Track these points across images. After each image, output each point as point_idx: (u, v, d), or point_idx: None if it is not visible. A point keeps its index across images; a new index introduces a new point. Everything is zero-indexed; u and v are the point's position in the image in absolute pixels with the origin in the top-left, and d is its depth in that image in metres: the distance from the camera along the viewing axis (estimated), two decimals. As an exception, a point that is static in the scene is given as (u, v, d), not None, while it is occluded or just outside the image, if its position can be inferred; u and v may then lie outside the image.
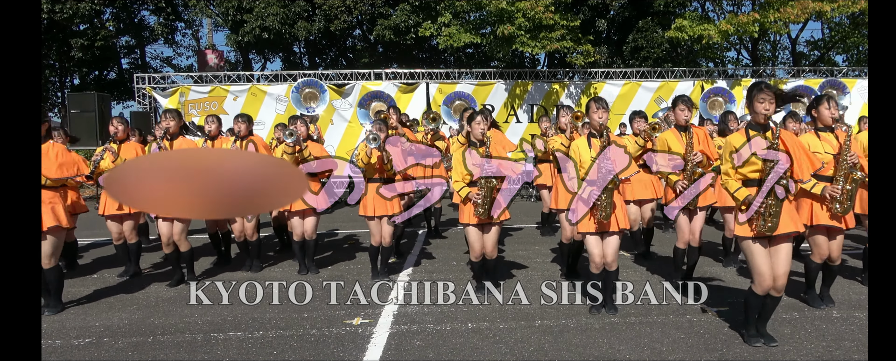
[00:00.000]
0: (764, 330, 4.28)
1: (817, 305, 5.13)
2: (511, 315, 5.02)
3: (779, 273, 4.08)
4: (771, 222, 3.97)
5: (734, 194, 4.07)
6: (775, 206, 3.95)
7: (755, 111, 4.06)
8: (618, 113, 13.80)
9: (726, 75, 15.59)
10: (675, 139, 5.38)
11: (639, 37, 17.36)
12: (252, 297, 5.69)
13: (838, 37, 19.00)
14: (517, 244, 8.32)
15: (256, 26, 16.57)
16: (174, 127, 6.16)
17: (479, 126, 5.31)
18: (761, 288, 4.10)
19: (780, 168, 3.93)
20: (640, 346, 4.28)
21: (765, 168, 3.99)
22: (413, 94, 14.55)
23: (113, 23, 20.11)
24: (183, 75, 16.16)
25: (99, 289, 6.07)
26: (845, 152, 4.79)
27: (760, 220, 3.98)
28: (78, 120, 13.29)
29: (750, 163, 4.03)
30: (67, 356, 4.29)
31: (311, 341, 4.50)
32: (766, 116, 4.03)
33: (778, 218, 3.97)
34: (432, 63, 19.65)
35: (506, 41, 14.03)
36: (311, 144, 6.59)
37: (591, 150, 4.83)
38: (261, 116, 14.00)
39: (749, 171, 4.05)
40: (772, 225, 3.97)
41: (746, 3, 19.76)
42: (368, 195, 6.08)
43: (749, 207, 4.01)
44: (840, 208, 4.80)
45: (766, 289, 4.09)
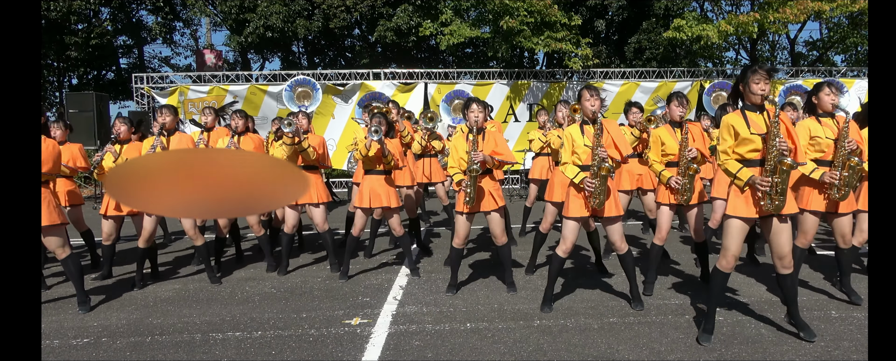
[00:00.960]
0: (801, 321, 4.34)
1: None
2: (509, 315, 5.02)
3: (784, 252, 4.11)
4: (778, 200, 3.96)
5: (737, 173, 4.03)
6: (782, 184, 3.94)
7: (751, 91, 4.04)
8: (616, 112, 13.82)
9: (725, 75, 15.61)
10: (669, 135, 5.39)
11: (642, 38, 17.36)
12: (250, 297, 5.69)
13: (837, 37, 19.01)
14: (515, 243, 8.30)
15: (260, 25, 16.55)
16: (170, 123, 6.15)
17: (473, 114, 5.33)
18: (728, 266, 4.16)
19: (783, 145, 3.92)
20: (639, 346, 4.28)
21: (764, 148, 3.98)
22: (411, 93, 14.55)
23: (111, 22, 20.07)
24: (181, 75, 16.14)
25: (97, 289, 6.06)
26: (843, 139, 4.80)
27: (766, 199, 3.97)
28: (76, 120, 13.24)
29: (748, 142, 4.02)
30: (66, 356, 4.28)
31: (309, 341, 4.49)
32: (763, 96, 4.01)
33: (785, 196, 3.97)
34: (431, 63, 19.64)
35: (507, 36, 14.04)
36: (311, 135, 6.61)
37: (584, 137, 4.87)
38: (262, 112, 14.02)
39: (747, 151, 4.04)
40: (779, 203, 3.96)
41: (745, 3, 19.80)
42: (364, 186, 6.09)
43: (753, 188, 4.01)
44: (838, 193, 4.82)
45: (731, 267, 4.16)
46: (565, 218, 4.94)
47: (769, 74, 4.01)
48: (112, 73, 22.56)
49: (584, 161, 4.86)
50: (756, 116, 4.07)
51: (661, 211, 5.44)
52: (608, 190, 4.80)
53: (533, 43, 13.85)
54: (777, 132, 3.95)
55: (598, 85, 14.79)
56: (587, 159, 4.83)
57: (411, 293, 5.74)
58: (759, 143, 4.01)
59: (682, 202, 5.27)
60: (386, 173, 6.10)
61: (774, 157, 3.95)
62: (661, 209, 5.44)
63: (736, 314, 4.96)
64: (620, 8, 17.79)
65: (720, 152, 4.16)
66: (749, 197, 4.07)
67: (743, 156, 4.07)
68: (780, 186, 3.96)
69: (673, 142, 5.34)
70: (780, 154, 3.93)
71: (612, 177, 5.02)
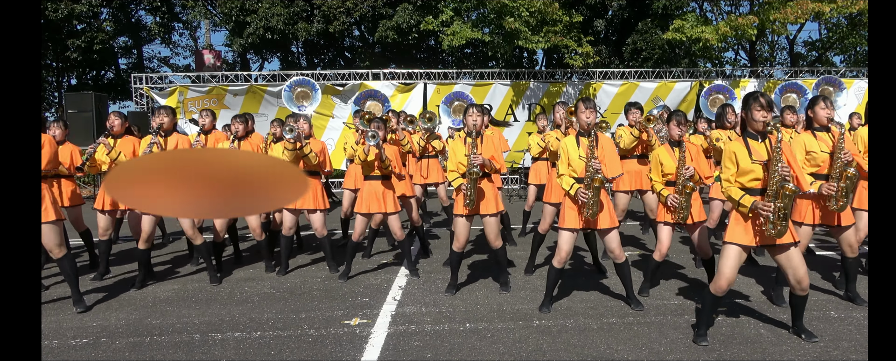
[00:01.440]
0: (801, 326, 4.38)
1: (779, 302, 5.20)
2: (509, 316, 5.02)
3: (800, 275, 4.14)
4: (780, 225, 3.96)
5: (740, 201, 4.04)
6: (784, 209, 3.95)
7: (754, 119, 4.09)
8: (615, 112, 13.84)
9: (724, 76, 15.62)
10: (668, 156, 5.37)
11: (638, 38, 17.38)
12: (250, 297, 5.69)
13: (836, 37, 19.03)
14: (514, 244, 8.30)
15: (261, 27, 16.55)
16: (168, 123, 6.15)
17: (472, 118, 5.38)
18: (720, 289, 4.15)
19: (785, 171, 3.93)
20: (638, 346, 4.28)
21: (765, 176, 4.00)
22: (410, 94, 14.54)
23: (110, 23, 20.05)
24: (180, 75, 16.14)
25: (96, 289, 6.05)
26: (839, 151, 4.83)
27: (768, 225, 3.98)
28: (74, 120, 13.25)
29: (749, 172, 4.03)
30: (64, 356, 4.27)
31: (308, 341, 4.49)
32: (765, 123, 4.05)
33: (787, 222, 3.98)
34: (430, 63, 19.64)
35: (509, 37, 14.05)
36: (312, 140, 6.59)
37: (578, 148, 4.93)
38: (262, 110, 14.05)
39: (748, 180, 4.06)
40: (781, 229, 3.97)
41: (744, 4, 19.81)
42: (363, 191, 6.10)
43: (756, 214, 4.02)
44: (836, 205, 4.84)
45: (724, 291, 4.16)
46: (560, 229, 5.00)
47: (769, 105, 4.06)
48: (111, 73, 22.55)
49: (579, 173, 4.91)
50: (758, 144, 4.09)
51: (661, 230, 5.42)
52: (601, 202, 4.86)
53: (533, 41, 13.85)
54: (779, 158, 3.97)
55: (596, 85, 14.80)
56: (582, 171, 4.90)
57: (410, 294, 5.74)
58: (760, 172, 4.02)
59: (679, 221, 5.26)
60: (385, 177, 6.11)
61: (777, 182, 3.96)
62: (661, 228, 5.42)
63: (735, 314, 4.96)
64: (620, 8, 17.80)
65: (723, 180, 4.20)
66: (749, 226, 4.09)
67: (744, 185, 4.09)
68: (782, 211, 3.95)
69: (671, 162, 5.33)
70: (782, 180, 3.94)
71: (606, 189, 5.05)
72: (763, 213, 3.95)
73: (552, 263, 5.07)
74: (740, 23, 13.86)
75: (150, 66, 24.22)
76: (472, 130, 5.37)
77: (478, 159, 5.28)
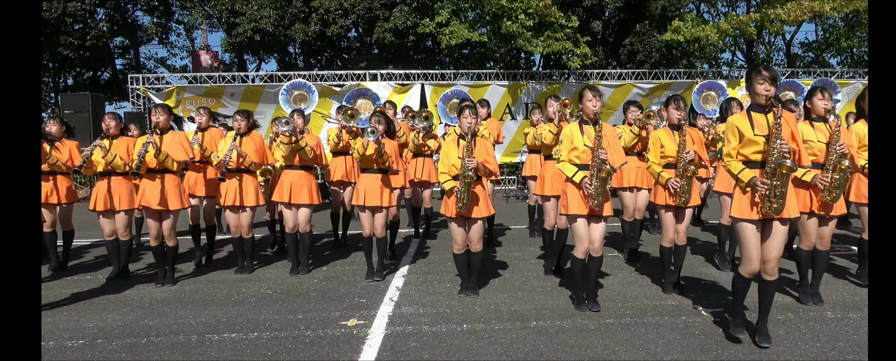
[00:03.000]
0: (763, 327, 4.27)
1: (807, 301, 5.19)
2: (506, 316, 5.01)
3: (771, 256, 4.10)
4: (777, 203, 3.97)
5: (738, 175, 4.06)
6: (782, 187, 3.95)
7: (756, 93, 4.07)
8: (609, 110, 13.97)
9: (721, 77, 15.63)
10: (668, 138, 5.41)
11: (635, 41, 17.39)
12: (246, 298, 5.67)
13: (833, 38, 19.06)
14: (511, 244, 8.31)
15: (249, 28, 16.53)
16: (163, 122, 6.15)
17: (466, 120, 5.36)
18: (748, 271, 4.12)
19: (785, 147, 3.93)
20: (636, 347, 4.28)
21: (767, 149, 3.99)
22: (407, 94, 14.54)
23: (106, 23, 20.00)
24: (177, 76, 16.11)
25: (93, 290, 6.03)
26: (835, 143, 4.87)
27: (766, 201, 3.99)
28: (72, 120, 13.18)
29: (752, 143, 4.04)
30: (61, 357, 4.26)
31: (305, 342, 4.48)
32: (767, 97, 4.03)
33: (784, 199, 3.98)
34: (427, 64, 19.63)
35: (506, 38, 14.05)
36: (307, 135, 6.64)
37: (583, 136, 4.92)
38: (260, 108, 14.07)
39: (751, 152, 4.06)
40: (778, 206, 3.97)
41: (741, 4, 19.84)
42: (361, 185, 6.10)
43: (754, 188, 4.02)
44: (829, 196, 4.87)
45: (753, 272, 4.12)
46: (569, 219, 4.99)
47: (773, 79, 4.04)
48: (108, 73, 22.49)
49: (583, 161, 4.89)
50: (761, 117, 4.08)
51: (662, 214, 5.45)
52: (606, 193, 4.85)
53: (533, 45, 13.86)
54: (779, 134, 3.94)
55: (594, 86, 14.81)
56: (586, 158, 4.87)
57: (408, 295, 5.73)
58: (763, 144, 4.02)
59: (680, 204, 5.29)
60: (382, 171, 6.10)
61: (775, 159, 3.95)
62: (661, 212, 5.46)
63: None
64: (617, 9, 17.80)
65: (725, 154, 4.20)
66: (754, 199, 4.08)
67: (747, 157, 4.09)
68: (779, 188, 3.95)
69: (672, 144, 5.36)
70: (780, 156, 3.92)
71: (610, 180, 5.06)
72: (760, 189, 3.98)
73: (573, 254, 5.03)
74: (741, 20, 13.90)
75: (147, 66, 24.17)
76: (466, 133, 5.35)
77: (472, 163, 5.23)
